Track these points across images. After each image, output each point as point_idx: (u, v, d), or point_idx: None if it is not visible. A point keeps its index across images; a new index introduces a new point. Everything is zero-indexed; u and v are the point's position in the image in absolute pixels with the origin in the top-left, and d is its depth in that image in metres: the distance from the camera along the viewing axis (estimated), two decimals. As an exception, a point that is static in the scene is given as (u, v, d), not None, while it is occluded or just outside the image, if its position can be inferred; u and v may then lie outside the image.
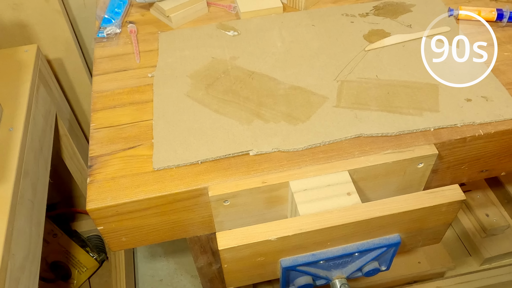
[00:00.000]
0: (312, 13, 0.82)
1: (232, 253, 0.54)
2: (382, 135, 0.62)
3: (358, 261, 0.61)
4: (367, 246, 0.58)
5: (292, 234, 0.53)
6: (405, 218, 0.56)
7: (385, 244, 0.58)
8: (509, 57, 0.73)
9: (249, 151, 0.61)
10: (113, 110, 0.67)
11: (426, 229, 0.60)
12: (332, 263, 0.60)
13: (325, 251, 0.58)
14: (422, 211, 0.56)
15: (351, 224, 0.54)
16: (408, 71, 0.71)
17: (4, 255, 0.63)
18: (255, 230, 0.54)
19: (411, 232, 0.60)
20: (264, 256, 0.56)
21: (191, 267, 1.38)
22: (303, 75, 0.71)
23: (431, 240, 0.65)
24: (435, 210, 0.56)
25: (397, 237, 0.59)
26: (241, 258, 0.55)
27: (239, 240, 0.53)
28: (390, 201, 0.56)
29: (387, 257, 0.62)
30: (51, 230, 1.21)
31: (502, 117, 0.63)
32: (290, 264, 0.57)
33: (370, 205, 0.55)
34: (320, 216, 0.54)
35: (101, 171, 0.59)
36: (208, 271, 0.85)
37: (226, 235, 0.53)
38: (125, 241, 0.63)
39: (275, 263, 0.58)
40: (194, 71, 0.72)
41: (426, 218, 0.58)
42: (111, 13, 0.82)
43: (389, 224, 0.57)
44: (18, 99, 0.82)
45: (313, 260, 0.57)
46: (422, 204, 0.55)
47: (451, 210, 0.58)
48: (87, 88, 1.14)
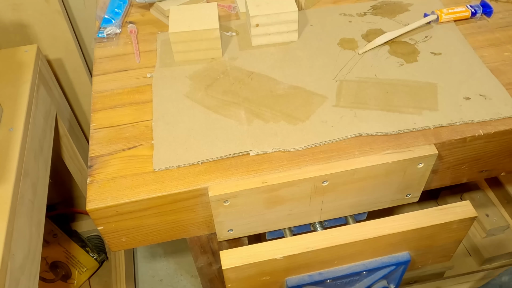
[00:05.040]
0: (311, 13, 0.82)
1: (237, 273, 0.53)
2: (381, 134, 0.62)
3: (366, 280, 0.59)
4: (375, 265, 0.57)
5: (299, 252, 0.52)
6: (415, 236, 0.55)
7: (394, 263, 0.57)
8: (509, 57, 0.73)
9: (249, 151, 0.61)
10: (113, 110, 0.67)
11: (436, 246, 0.59)
12: (339, 282, 0.58)
13: (332, 270, 0.56)
14: (432, 228, 0.55)
15: (359, 242, 0.53)
16: (406, 70, 0.71)
17: (4, 255, 0.63)
18: (260, 248, 0.53)
19: (421, 250, 0.59)
20: (269, 275, 0.55)
21: (191, 267, 1.38)
22: (302, 75, 0.71)
23: (442, 258, 0.63)
24: (445, 227, 0.55)
25: (407, 255, 0.57)
26: (246, 277, 0.54)
27: (244, 259, 0.52)
28: (400, 218, 0.54)
29: (396, 275, 0.61)
30: (51, 230, 1.21)
31: (501, 115, 0.63)
32: (296, 284, 0.56)
33: (378, 222, 0.54)
34: (327, 234, 0.53)
35: (101, 171, 0.59)
36: (208, 271, 0.85)
37: (230, 254, 0.52)
38: (125, 241, 0.63)
39: (280, 282, 0.57)
40: (193, 71, 0.72)
41: (436, 235, 0.57)
42: (111, 13, 0.82)
43: (399, 242, 0.55)
44: (18, 99, 0.82)
45: (320, 279, 0.56)
46: (433, 221, 0.54)
47: (462, 227, 0.57)
48: (87, 88, 1.15)
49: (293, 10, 0.73)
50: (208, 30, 0.71)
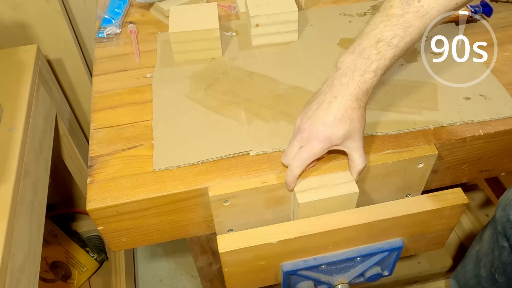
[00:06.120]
0: (311, 13, 0.82)
1: (233, 257, 0.53)
2: (381, 134, 0.62)
3: (360, 266, 0.60)
4: (369, 250, 0.57)
5: (293, 237, 0.53)
6: (408, 222, 0.56)
7: (388, 248, 0.58)
8: (509, 57, 0.73)
9: (249, 151, 0.61)
10: (113, 110, 0.67)
11: (429, 233, 0.60)
12: (334, 268, 0.59)
13: (327, 255, 0.57)
14: (424, 214, 0.55)
15: (353, 227, 0.53)
16: (406, 70, 0.71)
17: (4, 255, 0.63)
18: (256, 233, 0.53)
19: (414, 236, 0.59)
20: (265, 260, 0.55)
21: (191, 267, 1.38)
22: (302, 75, 0.71)
23: (434, 245, 0.64)
24: (437, 213, 0.56)
25: (400, 241, 0.58)
26: (242, 261, 0.55)
27: (239, 243, 0.52)
28: (393, 204, 0.55)
29: (389, 261, 0.61)
30: (51, 230, 1.21)
31: (501, 115, 0.63)
32: (291, 269, 0.56)
33: (372, 208, 0.55)
34: (321, 219, 0.54)
35: (101, 171, 0.59)
36: (208, 271, 0.85)
37: (226, 238, 0.53)
38: (125, 241, 0.63)
39: (276, 267, 0.57)
40: (193, 72, 0.72)
41: (429, 222, 0.57)
42: (111, 13, 0.82)
43: (392, 228, 0.56)
44: (18, 99, 0.82)
45: (315, 264, 0.57)
46: (425, 208, 0.55)
47: (454, 214, 0.57)
48: (87, 88, 1.15)
49: (293, 10, 0.73)
50: (208, 30, 0.71)
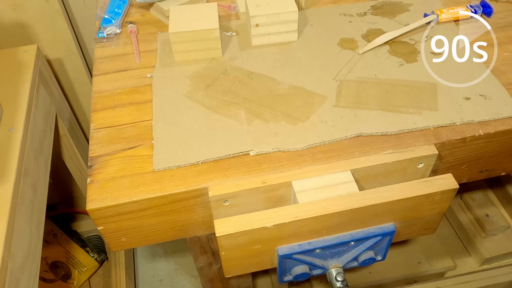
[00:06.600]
0: (311, 13, 0.82)
1: (230, 240, 0.54)
2: (381, 134, 0.62)
3: (354, 250, 0.61)
4: (362, 235, 0.59)
5: (288, 221, 0.54)
6: (400, 206, 0.57)
7: (380, 233, 0.59)
8: (509, 57, 0.73)
9: (249, 151, 0.61)
10: (113, 110, 0.67)
11: (420, 218, 0.61)
12: (328, 252, 0.60)
13: (321, 240, 0.58)
14: (416, 199, 0.57)
15: (346, 212, 0.55)
16: (406, 70, 0.71)
17: (4, 255, 0.63)
18: (252, 217, 0.55)
19: (406, 221, 0.60)
20: (261, 244, 0.56)
21: (191, 267, 1.38)
22: (302, 75, 0.71)
23: (426, 230, 0.65)
24: (429, 198, 0.57)
25: (392, 226, 0.59)
26: (238, 245, 0.56)
27: (236, 227, 0.54)
28: (385, 189, 0.56)
29: (382, 246, 0.62)
30: (51, 230, 1.21)
31: (501, 115, 0.63)
32: (286, 252, 0.58)
33: (365, 193, 0.56)
34: (316, 204, 0.55)
35: (101, 171, 0.59)
36: (208, 271, 0.85)
37: (223, 222, 0.54)
38: (125, 241, 0.63)
39: (272, 251, 0.58)
40: (193, 71, 0.72)
41: (420, 207, 0.59)
42: (111, 13, 0.82)
43: (384, 213, 0.57)
44: (18, 99, 0.82)
45: (309, 248, 0.58)
46: (416, 192, 0.56)
47: (445, 199, 0.58)
48: (87, 88, 1.15)
49: (293, 10, 0.73)
50: (208, 30, 0.71)
